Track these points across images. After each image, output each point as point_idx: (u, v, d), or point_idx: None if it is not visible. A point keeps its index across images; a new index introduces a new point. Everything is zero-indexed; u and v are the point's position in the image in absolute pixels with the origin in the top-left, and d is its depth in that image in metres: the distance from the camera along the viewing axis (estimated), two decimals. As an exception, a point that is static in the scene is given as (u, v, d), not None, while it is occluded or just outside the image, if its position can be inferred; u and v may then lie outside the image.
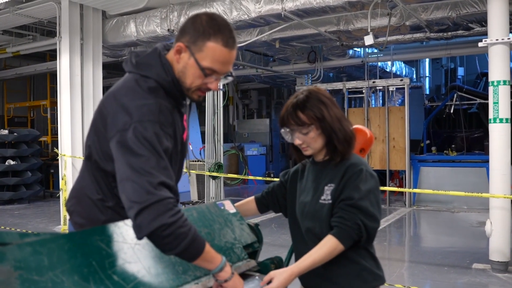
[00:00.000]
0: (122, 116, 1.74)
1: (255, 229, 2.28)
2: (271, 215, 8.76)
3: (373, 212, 1.90)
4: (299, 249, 2.08)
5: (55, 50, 8.79)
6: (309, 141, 1.99)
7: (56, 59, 8.75)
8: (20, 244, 1.48)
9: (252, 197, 2.36)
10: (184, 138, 2.01)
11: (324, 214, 1.95)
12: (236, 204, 2.33)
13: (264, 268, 2.11)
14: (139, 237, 1.64)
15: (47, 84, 13.27)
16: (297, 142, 2.00)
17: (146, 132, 1.69)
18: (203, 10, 7.73)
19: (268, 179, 9.45)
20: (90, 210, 1.97)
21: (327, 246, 1.87)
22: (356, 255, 1.95)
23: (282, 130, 2.04)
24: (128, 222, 1.76)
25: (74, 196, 2.04)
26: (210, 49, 1.77)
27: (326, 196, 1.97)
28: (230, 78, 1.94)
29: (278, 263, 2.13)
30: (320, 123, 1.95)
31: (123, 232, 1.73)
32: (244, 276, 2.02)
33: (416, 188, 10.27)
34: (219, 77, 1.86)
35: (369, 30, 7.25)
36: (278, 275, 1.85)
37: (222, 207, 2.24)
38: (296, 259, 2.04)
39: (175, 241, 1.63)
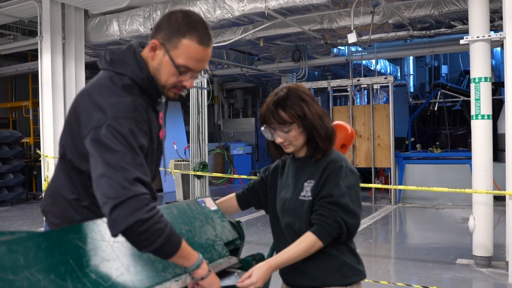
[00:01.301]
0: (96, 114, 1.71)
1: (236, 226, 2.26)
2: (257, 213, 8.76)
3: (354, 209, 1.90)
4: (279, 245, 2.07)
5: (36, 50, 8.70)
6: (290, 139, 1.97)
7: (37, 59, 8.65)
8: (-5, 243, 1.46)
9: (233, 194, 2.35)
10: (160, 136, 1.99)
11: (304, 210, 1.95)
12: (217, 201, 2.32)
13: (246, 265, 2.09)
14: (114, 233, 1.61)
15: (29, 85, 13.12)
16: (279, 140, 1.99)
17: (121, 128, 1.67)
18: (186, 8, 7.67)
19: (253, 177, 9.44)
20: (65, 210, 1.94)
21: (306, 242, 1.87)
22: (335, 251, 1.94)
23: (263, 128, 2.02)
24: (106, 220, 1.74)
25: (49, 195, 2.01)
26: (185, 46, 1.75)
27: (306, 193, 1.96)
28: (205, 76, 1.93)
29: (260, 259, 2.11)
30: (302, 121, 1.94)
31: (101, 230, 1.71)
32: (225, 273, 2.00)
33: (401, 185, 10.33)
34: (194, 74, 1.83)
35: (352, 28, 7.27)
36: (257, 269, 1.85)
37: (203, 204, 2.22)
38: (277, 256, 2.03)
39: (151, 237, 1.60)
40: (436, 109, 12.95)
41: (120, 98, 1.74)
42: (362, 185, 6.71)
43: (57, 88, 8.43)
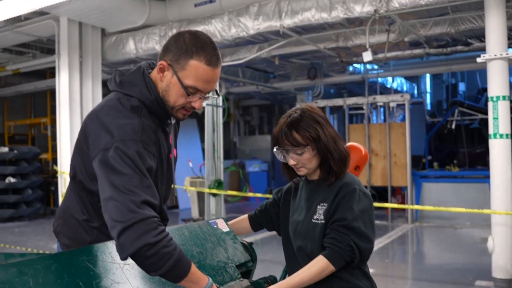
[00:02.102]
0: (104, 135, 1.72)
1: (248, 248, 2.24)
2: (272, 232, 8.69)
3: (366, 233, 1.87)
4: (291, 268, 2.04)
5: (54, 68, 8.82)
6: (303, 161, 1.95)
7: (55, 77, 8.77)
8: (5, 264, 1.46)
9: (246, 216, 2.33)
10: (170, 156, 1.98)
11: (316, 233, 1.92)
12: (229, 223, 2.30)
13: (258, 287, 2.06)
14: (123, 257, 1.60)
15: (47, 102, 13.29)
16: (292, 162, 1.97)
17: (129, 150, 1.67)
18: (201, 27, 7.76)
19: (269, 196, 9.40)
20: (76, 230, 1.94)
21: (317, 266, 1.84)
22: (348, 275, 1.91)
23: (275, 150, 2.00)
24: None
25: (61, 216, 2.01)
26: (193, 67, 1.74)
27: (319, 216, 1.93)
28: (215, 97, 1.92)
29: (272, 282, 2.08)
30: (316, 143, 1.92)
31: (112, 252, 1.70)
32: (237, 296, 1.98)
33: (418, 204, 10.19)
34: (203, 95, 1.82)
35: (367, 47, 7.24)
36: None
37: (215, 226, 2.21)
38: (290, 279, 2.00)
39: (160, 261, 1.58)
40: (453, 127, 12.81)
41: (127, 120, 1.74)
42: (378, 204, 6.65)
43: (75, 105, 8.52)
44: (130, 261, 1.69)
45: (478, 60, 5.71)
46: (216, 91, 1.91)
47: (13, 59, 10.83)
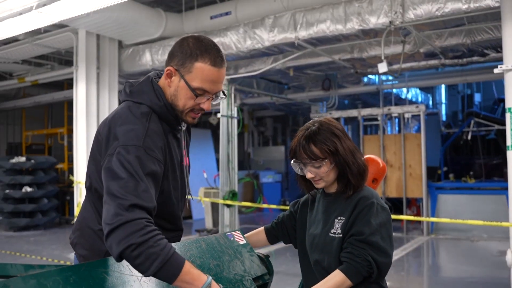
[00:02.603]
0: (111, 142, 1.78)
1: (265, 261, 2.24)
2: (286, 244, 8.66)
3: (385, 247, 1.85)
4: (308, 282, 2.04)
5: (72, 79, 8.94)
6: (321, 174, 1.95)
7: (73, 88, 8.88)
8: (25, 276, 1.48)
9: (262, 228, 2.32)
10: (183, 164, 2.01)
11: (333, 247, 1.91)
12: (246, 235, 2.30)
13: (274, 301, 2.06)
14: (115, 258, 1.63)
15: (64, 112, 13.45)
16: (309, 175, 1.97)
17: (129, 155, 1.71)
18: (217, 39, 7.82)
19: (283, 207, 9.38)
20: (92, 241, 1.95)
21: (334, 280, 1.83)
22: (366, 291, 1.89)
23: (292, 162, 2.00)
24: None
25: (78, 228, 2.03)
26: (199, 69, 1.81)
27: (336, 230, 1.93)
28: (223, 97, 1.95)
29: (288, 296, 2.08)
30: (334, 156, 1.92)
31: (129, 264, 1.71)
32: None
33: (434, 216, 10.09)
34: (210, 96, 1.87)
35: (382, 58, 7.24)
36: None
37: (232, 238, 2.21)
38: (306, 292, 1.99)
39: (147, 261, 1.59)
40: (469, 138, 12.70)
41: (133, 126, 1.79)
42: (393, 216, 6.59)
43: (91, 115, 8.62)
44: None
45: (495, 71, 5.67)
46: (223, 91, 1.94)
47: (32, 71, 11.00)
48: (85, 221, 1.99)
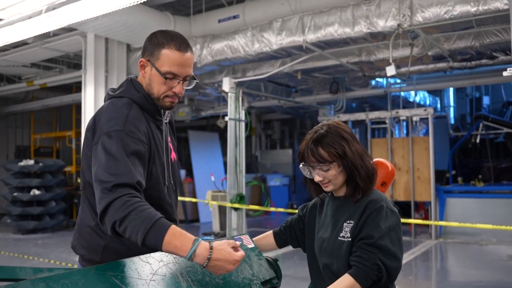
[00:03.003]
0: (97, 133, 1.93)
1: (274, 265, 2.22)
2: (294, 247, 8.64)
3: (394, 251, 1.84)
4: (317, 285, 2.03)
5: (80, 82, 8.98)
6: (330, 177, 1.95)
7: (81, 91, 8.93)
8: (33, 279, 1.48)
9: (271, 232, 2.31)
10: (172, 159, 2.18)
11: (342, 251, 1.90)
12: (254, 239, 2.29)
13: (283, 305, 2.05)
14: (114, 237, 1.81)
15: (72, 115, 13.52)
16: (317, 179, 1.96)
17: (111, 140, 1.86)
18: (225, 42, 7.84)
19: (290, 210, 9.36)
20: (90, 237, 2.03)
21: (343, 284, 1.82)
22: (375, 295, 1.88)
23: (301, 166, 2.00)
24: (143, 258, 1.75)
25: (76, 230, 2.12)
26: (166, 55, 1.99)
27: (345, 234, 1.92)
28: (194, 82, 2.10)
29: (297, 300, 2.07)
30: (342, 160, 1.92)
31: (138, 268, 1.71)
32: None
33: (442, 220, 10.03)
34: (180, 79, 2.03)
35: (391, 61, 7.22)
36: None
37: (240, 242, 2.20)
38: (315, 297, 1.98)
39: (133, 234, 1.70)
40: (478, 141, 12.63)
41: (114, 115, 1.95)
42: (401, 219, 6.57)
43: (99, 119, 8.66)
44: (156, 277, 1.71)
45: (505, 74, 5.64)
46: (194, 76, 2.08)
47: (40, 74, 11.07)
48: (82, 220, 2.08)
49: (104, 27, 7.79)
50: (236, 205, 8.75)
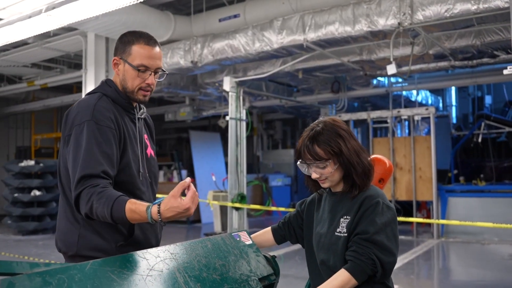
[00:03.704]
0: (68, 127, 2.08)
1: (271, 261, 2.22)
2: (295, 247, 8.63)
3: (389, 246, 1.84)
4: (315, 281, 2.02)
5: (81, 82, 8.98)
6: (326, 174, 1.95)
7: (82, 91, 8.93)
8: (30, 274, 1.47)
9: (269, 228, 2.31)
10: (148, 154, 2.29)
11: (339, 247, 1.90)
12: (252, 235, 2.28)
13: (281, 301, 2.04)
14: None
15: (73, 116, 13.50)
16: (314, 176, 1.97)
17: (81, 131, 2.00)
18: (225, 41, 7.84)
19: (292, 209, 9.33)
20: (66, 228, 2.13)
21: (339, 279, 1.82)
22: (371, 290, 1.87)
23: (298, 163, 2.00)
24: (140, 254, 1.74)
25: (57, 228, 2.21)
26: (136, 50, 2.15)
27: (342, 229, 1.92)
28: (164, 74, 2.26)
29: (295, 296, 2.06)
30: (338, 157, 1.92)
31: (135, 263, 1.70)
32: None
33: (444, 219, 10.01)
34: (151, 71, 2.17)
35: (391, 60, 7.21)
36: None
37: (238, 239, 2.20)
38: (313, 292, 1.97)
39: (103, 219, 1.89)
40: (480, 140, 12.60)
41: (83, 106, 2.08)
42: (403, 219, 6.57)
43: (100, 119, 8.67)
44: (152, 272, 1.70)
45: (505, 72, 5.63)
46: (163, 69, 2.23)
47: (41, 74, 11.07)
48: (60, 219, 2.18)
49: (104, 26, 7.78)
50: (237, 205, 8.75)
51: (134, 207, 1.84)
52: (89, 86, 8.65)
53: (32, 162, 11.37)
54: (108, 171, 1.97)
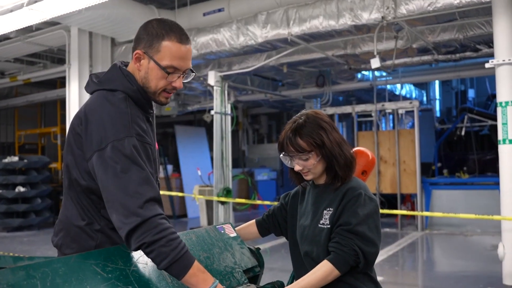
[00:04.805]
0: (95, 134, 1.76)
1: (256, 253, 2.24)
2: (281, 240, 8.67)
3: (371, 237, 1.86)
4: (298, 273, 2.04)
5: (65, 77, 8.90)
6: (309, 166, 1.96)
7: (66, 86, 8.85)
8: (13, 268, 1.47)
9: (253, 221, 2.33)
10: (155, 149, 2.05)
11: (322, 238, 1.92)
12: (237, 228, 2.30)
13: (265, 292, 2.06)
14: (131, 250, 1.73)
15: (57, 111, 13.40)
16: (297, 168, 1.98)
17: (125, 149, 1.72)
18: (210, 36, 7.82)
19: (277, 203, 9.35)
20: (79, 238, 1.90)
21: (322, 270, 1.84)
22: (354, 280, 1.90)
23: (282, 156, 2.01)
24: (124, 247, 1.75)
25: (61, 229, 1.97)
26: (166, 47, 1.83)
27: (325, 221, 1.94)
28: (192, 75, 1.97)
29: (279, 287, 2.08)
30: (320, 149, 1.93)
31: (119, 257, 1.71)
32: (244, 300, 1.97)
33: (428, 211, 10.12)
34: (180, 73, 1.89)
35: (375, 53, 7.25)
36: None
37: (222, 231, 2.21)
38: (297, 284, 1.99)
39: (157, 258, 1.67)
40: (463, 133, 12.74)
41: (116, 115, 1.78)
42: (387, 211, 6.62)
43: (84, 114, 8.60)
44: (138, 265, 1.71)
45: (487, 65, 5.70)
46: (191, 69, 1.95)
47: (24, 69, 10.95)
48: (68, 219, 1.93)
49: (87, 20, 7.71)
50: (223, 199, 8.76)
51: (203, 269, 1.73)
52: (73, 81, 8.58)
53: (16, 158, 11.24)
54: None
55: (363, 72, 11.35)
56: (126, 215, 1.66)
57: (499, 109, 5.58)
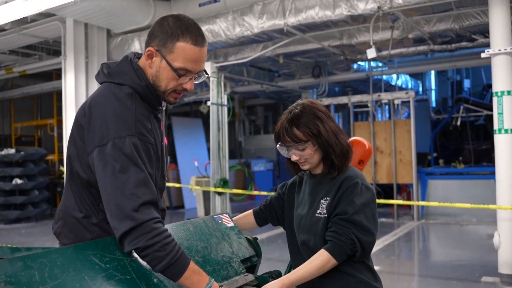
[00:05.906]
0: (98, 129, 1.74)
1: (253, 243, 2.25)
2: (278, 230, 8.70)
3: (368, 226, 1.87)
4: (296, 262, 2.06)
5: (60, 69, 8.86)
6: (306, 156, 1.97)
7: (61, 78, 8.82)
8: (11, 258, 1.47)
9: (250, 211, 2.34)
10: (162, 144, 1.99)
11: (319, 228, 1.93)
12: (234, 218, 2.31)
13: (262, 282, 2.07)
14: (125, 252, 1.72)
15: (53, 103, 13.35)
16: (294, 158, 1.99)
17: (125, 148, 1.70)
18: (206, 26, 7.79)
19: (274, 194, 9.37)
20: (76, 229, 1.91)
21: (319, 259, 1.85)
22: (351, 269, 1.92)
23: (278, 146, 2.02)
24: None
25: (60, 217, 1.98)
26: (180, 49, 1.77)
27: (322, 210, 1.95)
28: (205, 77, 1.91)
29: (277, 276, 2.09)
30: (317, 139, 1.93)
31: (116, 247, 1.71)
32: (241, 290, 1.99)
33: (424, 201, 10.16)
34: (193, 76, 1.84)
35: (371, 44, 7.24)
36: (269, 286, 1.82)
37: (220, 221, 2.22)
38: (294, 273, 2.01)
39: (152, 262, 1.67)
40: (459, 123, 12.78)
41: (120, 112, 1.75)
42: (383, 201, 6.65)
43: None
44: (135, 255, 1.72)
45: (483, 55, 5.71)
46: (205, 70, 1.90)
47: (19, 61, 10.89)
48: (67, 209, 1.93)
49: (83, 12, 7.67)
50: (220, 190, 8.77)
51: (198, 271, 1.72)
52: (68, 73, 8.55)
53: (12, 151, 11.23)
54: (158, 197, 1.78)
55: (359, 62, 11.34)
56: (120, 217, 1.65)
57: (495, 99, 5.60)
